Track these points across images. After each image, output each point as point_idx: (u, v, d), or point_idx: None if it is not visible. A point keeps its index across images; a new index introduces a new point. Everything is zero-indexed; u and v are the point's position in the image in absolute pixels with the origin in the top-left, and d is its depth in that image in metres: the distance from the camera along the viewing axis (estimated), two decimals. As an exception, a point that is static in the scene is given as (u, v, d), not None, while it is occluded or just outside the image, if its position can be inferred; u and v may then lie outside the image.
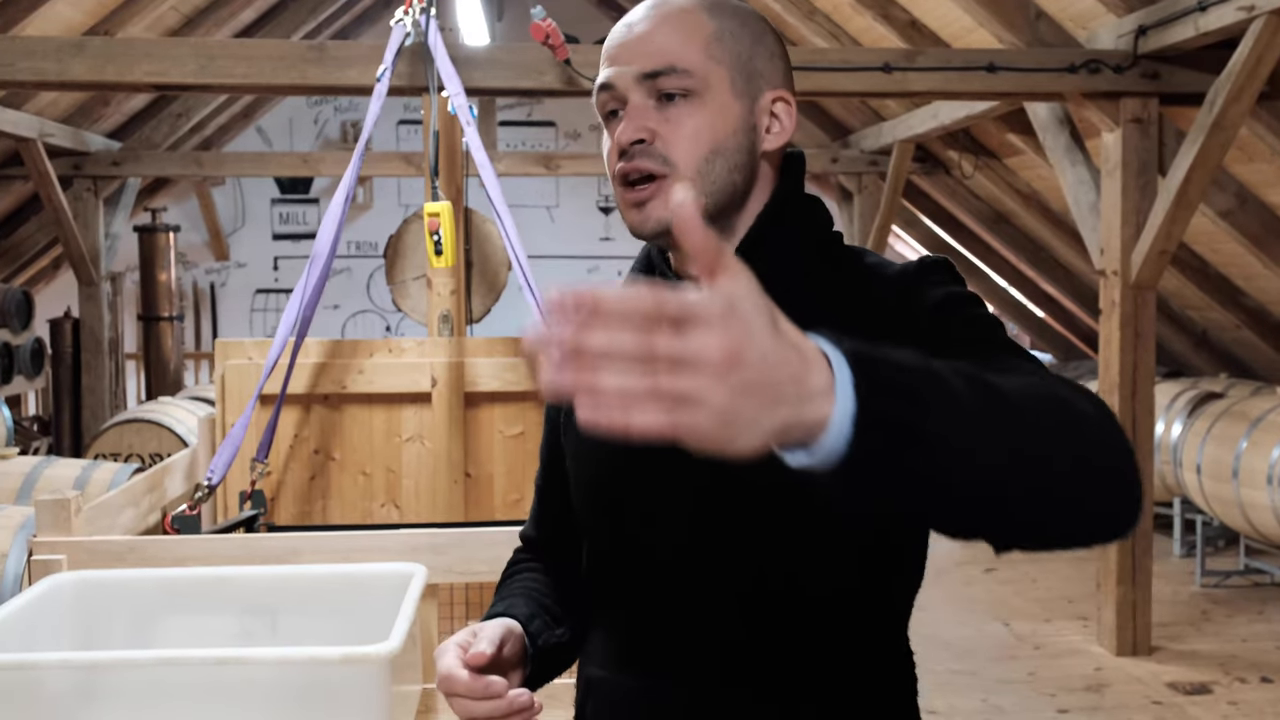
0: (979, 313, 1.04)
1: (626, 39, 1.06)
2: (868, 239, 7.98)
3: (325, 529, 3.29)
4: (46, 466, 4.70)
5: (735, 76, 1.06)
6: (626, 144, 1.05)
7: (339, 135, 10.80)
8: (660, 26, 1.05)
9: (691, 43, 1.05)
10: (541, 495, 1.27)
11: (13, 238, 8.47)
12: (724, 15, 1.07)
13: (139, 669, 1.73)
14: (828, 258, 1.12)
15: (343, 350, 3.64)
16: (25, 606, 1.98)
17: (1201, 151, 4.29)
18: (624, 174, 1.06)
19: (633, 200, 1.06)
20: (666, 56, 1.04)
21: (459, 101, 3.62)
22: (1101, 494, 0.85)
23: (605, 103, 1.08)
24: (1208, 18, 4.08)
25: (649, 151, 1.04)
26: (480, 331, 4.34)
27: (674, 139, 1.04)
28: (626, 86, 1.05)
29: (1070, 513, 0.83)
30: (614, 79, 1.06)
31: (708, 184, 1.05)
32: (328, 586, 2.17)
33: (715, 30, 1.06)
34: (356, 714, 1.73)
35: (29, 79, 4.20)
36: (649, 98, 1.05)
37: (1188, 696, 4.25)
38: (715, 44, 1.06)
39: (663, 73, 1.04)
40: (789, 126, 1.09)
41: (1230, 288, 6.43)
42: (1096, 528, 0.87)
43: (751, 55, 1.08)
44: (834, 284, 1.08)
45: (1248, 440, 5.23)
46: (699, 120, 1.04)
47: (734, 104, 1.06)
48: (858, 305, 1.05)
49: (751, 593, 1.04)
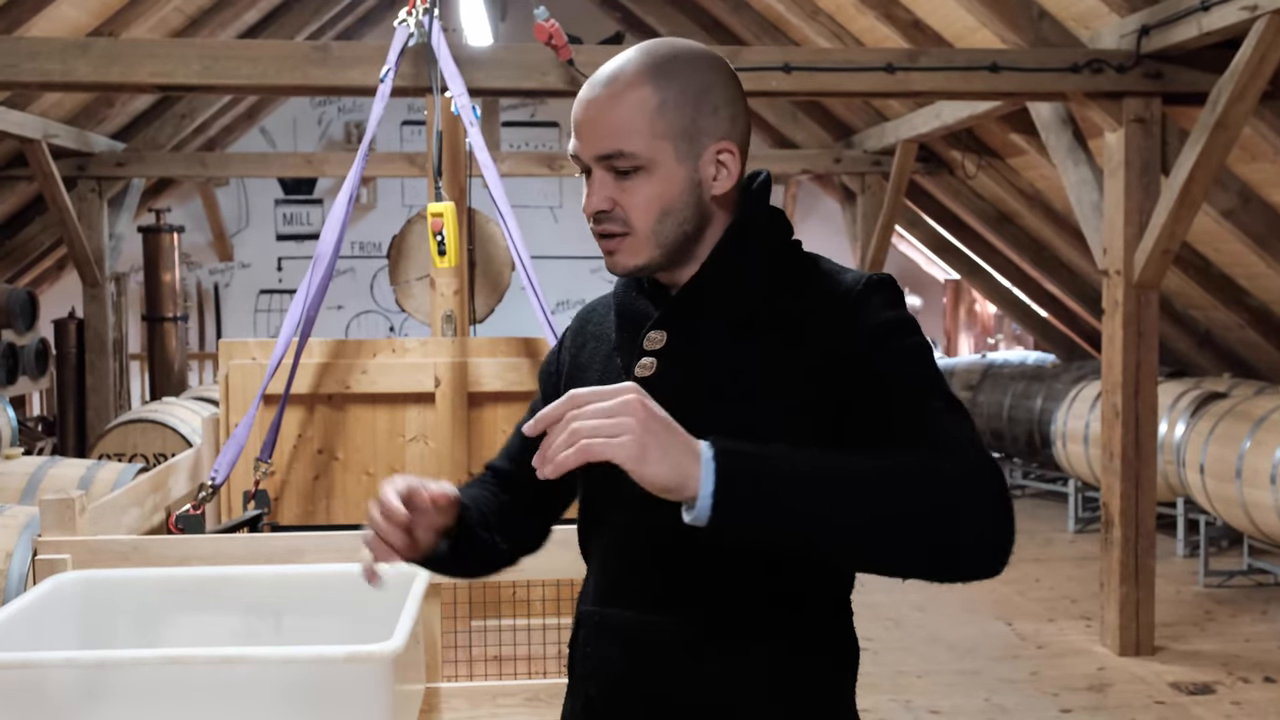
0: (909, 344, 1.20)
1: (584, 118, 1.24)
2: (871, 239, 7.97)
3: (329, 529, 3.30)
4: (51, 466, 4.71)
5: (678, 145, 1.23)
6: (592, 213, 1.25)
7: (343, 136, 10.81)
8: (611, 108, 1.22)
9: (637, 124, 1.21)
10: (521, 440, 1.43)
11: (17, 238, 8.49)
12: (669, 81, 1.22)
13: (143, 668, 1.73)
14: (783, 267, 1.28)
15: (346, 350, 3.64)
16: (30, 605, 1.99)
17: (1204, 151, 4.28)
18: (596, 233, 1.27)
19: (605, 249, 1.27)
20: (615, 141, 1.21)
21: (462, 102, 3.63)
22: (955, 537, 1.08)
23: (579, 164, 1.27)
24: (1210, 17, 4.07)
25: (612, 217, 1.24)
26: (483, 331, 4.35)
27: (630, 206, 1.23)
28: (589, 160, 1.24)
29: (928, 554, 1.08)
30: (581, 154, 1.25)
31: (660, 240, 1.25)
32: (331, 586, 2.17)
33: (659, 104, 1.22)
34: (360, 712, 1.74)
35: (33, 80, 4.21)
36: (607, 171, 1.24)
37: (1191, 697, 4.24)
38: (658, 120, 1.21)
39: (613, 156, 1.22)
40: (735, 171, 1.26)
41: (1233, 287, 6.43)
42: (958, 561, 1.10)
43: (694, 118, 1.23)
44: (788, 295, 1.25)
45: (1251, 440, 5.23)
46: (649, 190, 1.23)
47: (678, 170, 1.23)
48: (807, 314, 1.23)
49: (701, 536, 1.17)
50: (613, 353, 1.34)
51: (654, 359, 1.27)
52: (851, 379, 1.18)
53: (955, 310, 12.10)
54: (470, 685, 2.58)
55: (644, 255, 1.25)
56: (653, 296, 1.32)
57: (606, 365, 1.34)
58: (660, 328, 1.28)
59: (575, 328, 1.44)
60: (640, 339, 1.29)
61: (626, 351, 1.31)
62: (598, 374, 1.34)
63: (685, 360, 1.25)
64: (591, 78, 1.26)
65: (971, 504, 1.09)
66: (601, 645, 1.30)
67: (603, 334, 1.38)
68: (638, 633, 1.26)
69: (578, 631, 1.35)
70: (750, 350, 1.23)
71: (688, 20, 8.55)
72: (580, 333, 1.42)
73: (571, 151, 1.27)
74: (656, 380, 1.24)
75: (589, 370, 1.36)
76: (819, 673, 1.26)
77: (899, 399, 1.17)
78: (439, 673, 2.56)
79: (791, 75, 4.49)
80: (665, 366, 1.26)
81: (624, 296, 1.35)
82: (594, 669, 1.31)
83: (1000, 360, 9.46)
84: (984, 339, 12.13)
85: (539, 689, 2.53)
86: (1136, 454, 4.71)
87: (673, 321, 1.28)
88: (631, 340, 1.31)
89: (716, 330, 1.26)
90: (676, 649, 1.24)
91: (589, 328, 1.41)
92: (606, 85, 1.23)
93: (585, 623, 1.34)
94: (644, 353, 1.28)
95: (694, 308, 1.27)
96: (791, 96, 4.93)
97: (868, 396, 1.17)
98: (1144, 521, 4.72)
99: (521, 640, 2.86)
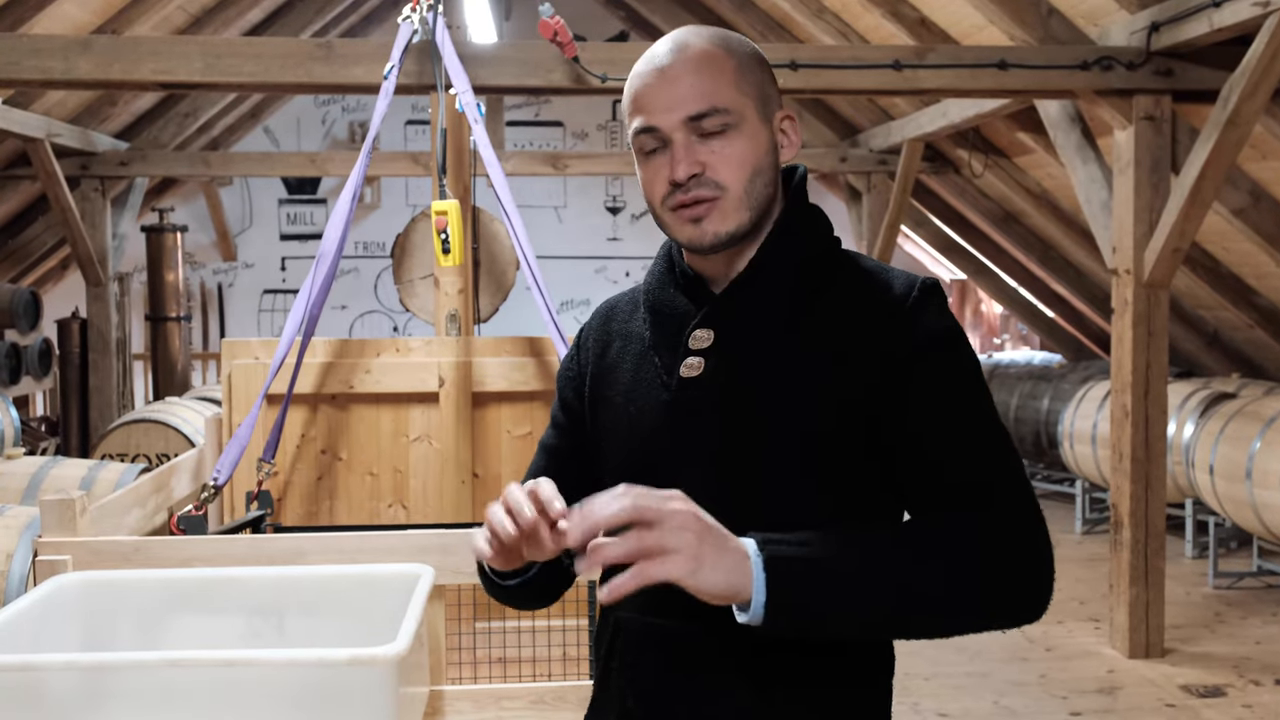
0: (962, 362, 1.19)
1: (660, 85, 1.19)
2: (876, 238, 7.94)
3: (332, 530, 3.27)
4: (53, 466, 4.69)
5: (759, 105, 1.22)
6: (684, 178, 1.18)
7: (347, 135, 10.79)
8: (692, 71, 1.19)
9: (722, 83, 1.19)
10: (546, 455, 1.40)
11: (20, 238, 8.48)
12: (737, 51, 1.22)
13: (145, 670, 1.71)
14: (828, 265, 1.25)
15: (349, 350, 3.62)
16: (30, 607, 1.97)
17: (1215, 149, 4.25)
18: (680, 204, 1.20)
19: (689, 216, 1.20)
20: (707, 99, 1.18)
21: (466, 99, 3.60)
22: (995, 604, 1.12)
23: (646, 143, 1.21)
24: (1222, 13, 4.04)
25: (702, 181, 1.19)
26: (488, 331, 4.32)
27: (722, 167, 1.19)
28: (671, 129, 1.19)
29: (970, 621, 1.13)
30: (659, 124, 1.19)
31: (752, 200, 1.21)
32: (335, 587, 2.15)
33: (736, 66, 1.21)
34: (364, 715, 1.71)
35: (35, 78, 4.19)
36: (691, 135, 1.19)
37: (1201, 699, 4.21)
38: (740, 79, 1.20)
39: (706, 114, 1.18)
40: (796, 141, 1.26)
41: (1243, 287, 6.39)
42: (998, 622, 1.14)
43: (762, 82, 1.23)
44: (832, 290, 1.23)
45: (1261, 441, 5.19)
46: (740, 148, 1.19)
47: (762, 129, 1.22)
48: (851, 312, 1.21)
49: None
50: (647, 352, 1.28)
51: (701, 358, 1.22)
52: (904, 387, 1.17)
53: (961, 310, 12.08)
54: (475, 688, 2.55)
55: (735, 219, 1.20)
56: (689, 292, 1.27)
57: (640, 365, 1.28)
58: (707, 325, 1.23)
59: (596, 325, 1.38)
60: (684, 337, 1.24)
61: (666, 350, 1.25)
62: (630, 374, 1.28)
63: (735, 360, 1.21)
64: (649, 54, 1.22)
65: (1014, 565, 1.13)
66: (644, 655, 1.25)
67: (631, 332, 1.31)
68: (683, 644, 1.22)
69: (615, 640, 1.29)
70: (802, 351, 1.19)
71: (693, 18, 8.53)
72: (604, 331, 1.36)
73: (642, 126, 1.20)
74: (705, 381, 1.21)
75: (619, 370, 1.30)
76: (861, 686, 1.23)
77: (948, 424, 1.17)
78: (443, 675, 2.53)
79: (798, 72, 4.46)
80: (714, 366, 1.21)
81: (658, 292, 1.30)
82: (634, 679, 1.26)
83: (1007, 360, 9.44)
84: (990, 339, 12.11)
85: (544, 691, 2.50)
86: (1146, 454, 4.67)
87: (721, 319, 1.23)
88: (672, 338, 1.25)
89: (767, 329, 1.21)
90: (721, 660, 1.20)
91: (613, 325, 1.35)
92: (677, 53, 1.21)
93: (625, 631, 1.28)
94: (690, 352, 1.23)
95: (744, 304, 1.22)
96: (798, 94, 4.89)
97: (917, 410, 1.17)
98: (1154, 523, 4.68)
99: (527, 642, 2.83)
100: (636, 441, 1.26)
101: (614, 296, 1.40)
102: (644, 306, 1.31)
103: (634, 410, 1.26)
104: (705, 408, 1.21)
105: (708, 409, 1.21)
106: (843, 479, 1.18)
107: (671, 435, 1.23)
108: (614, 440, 1.29)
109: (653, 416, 1.24)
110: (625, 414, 1.27)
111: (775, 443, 1.17)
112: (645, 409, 1.25)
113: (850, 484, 1.18)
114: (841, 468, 1.18)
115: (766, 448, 1.17)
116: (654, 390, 1.25)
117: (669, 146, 1.19)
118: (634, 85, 1.22)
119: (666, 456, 1.22)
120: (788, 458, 1.17)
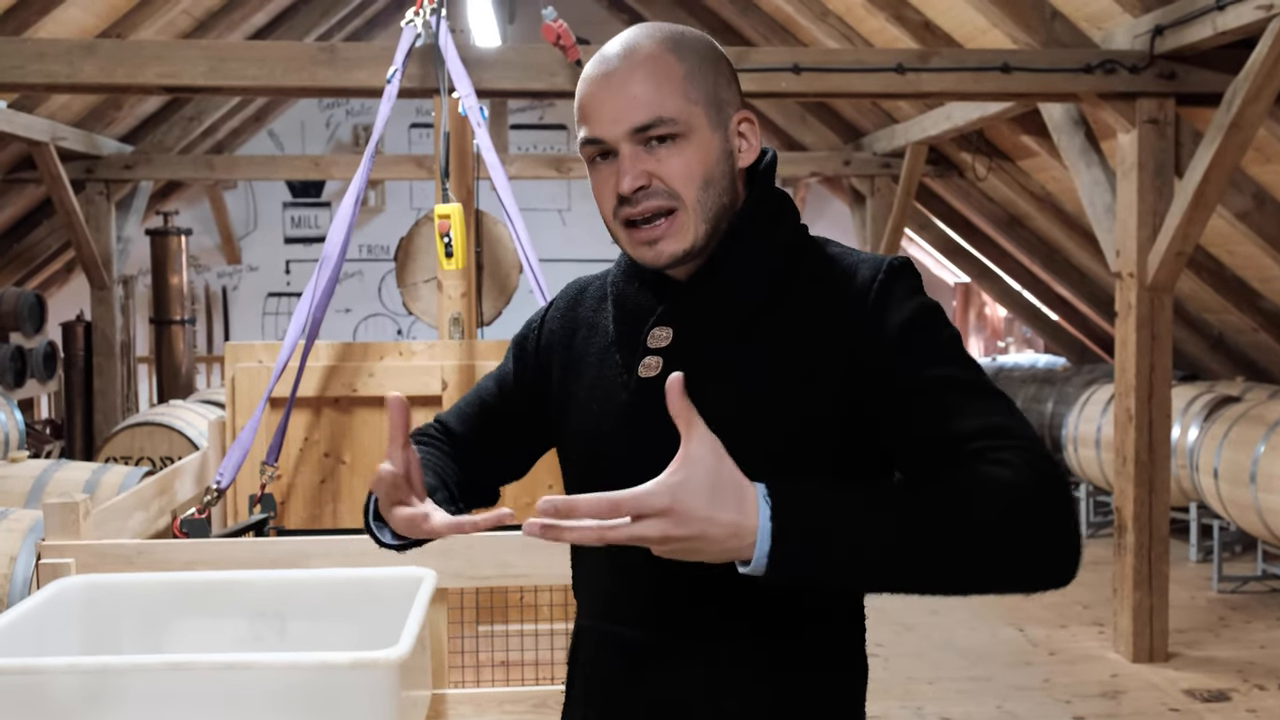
0: (941, 338, 1.14)
1: (605, 93, 1.14)
2: (880, 242, 7.94)
3: (335, 533, 3.27)
4: (57, 469, 4.69)
5: (710, 111, 1.16)
6: (630, 191, 1.14)
7: (350, 139, 10.80)
8: (637, 78, 1.14)
9: (668, 90, 1.13)
10: (480, 409, 1.36)
11: (25, 241, 8.50)
12: (688, 53, 1.16)
13: (148, 674, 1.71)
14: (792, 256, 1.21)
15: (353, 353, 3.62)
16: (33, 610, 1.97)
17: (1219, 152, 4.24)
18: (630, 218, 1.16)
19: (644, 239, 1.16)
20: (651, 109, 1.13)
21: (470, 103, 3.60)
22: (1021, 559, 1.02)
23: (593, 153, 1.17)
24: (1225, 17, 4.04)
25: (652, 192, 1.14)
26: (491, 334, 4.32)
27: (671, 176, 1.14)
28: (617, 140, 1.14)
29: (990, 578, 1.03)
30: (604, 135, 1.15)
31: (706, 211, 1.15)
32: (337, 591, 2.15)
33: (685, 71, 1.15)
34: (366, 719, 1.71)
35: (39, 81, 4.20)
36: (638, 145, 1.14)
37: (1205, 704, 4.20)
38: (688, 85, 1.15)
39: (651, 125, 1.13)
40: (755, 143, 1.20)
41: (1247, 290, 6.38)
42: (1024, 582, 1.04)
43: (715, 86, 1.17)
44: (802, 286, 1.18)
45: (1265, 444, 5.18)
46: (688, 157, 1.14)
47: (713, 138, 1.16)
48: (825, 307, 1.16)
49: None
50: (610, 347, 1.24)
51: (659, 358, 1.18)
52: (885, 378, 1.11)
53: (965, 313, 12.06)
54: (477, 691, 2.55)
55: (690, 235, 1.15)
56: (654, 286, 1.22)
57: (603, 361, 1.24)
58: (665, 323, 1.19)
59: (564, 306, 1.33)
60: (644, 335, 1.20)
61: (627, 348, 1.22)
62: (594, 370, 1.25)
63: (693, 360, 1.15)
64: (596, 58, 1.17)
65: (1042, 508, 1.02)
66: (603, 664, 1.24)
67: (598, 323, 1.27)
68: (644, 652, 1.20)
69: (578, 647, 1.29)
70: (765, 348, 1.15)
71: (696, 22, 8.53)
72: (570, 315, 1.31)
73: (587, 137, 1.17)
74: (662, 382, 1.14)
75: (584, 364, 1.26)
76: (831, 689, 1.21)
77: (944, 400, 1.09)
78: (445, 678, 2.53)
79: (801, 76, 4.46)
80: (671, 367, 1.16)
81: (623, 285, 1.25)
82: (595, 689, 1.25)
83: (1011, 364, 9.43)
84: (994, 342, 12.09)
85: (546, 695, 2.50)
86: (1150, 458, 4.66)
87: (679, 317, 1.19)
88: (633, 335, 1.22)
89: (727, 326, 1.17)
90: (684, 668, 1.18)
91: (580, 311, 1.31)
92: (624, 59, 1.16)
93: (585, 639, 1.27)
94: (648, 350, 1.19)
95: (702, 300, 1.18)
96: (801, 98, 4.91)
97: (908, 398, 1.10)
98: (1158, 526, 4.67)
99: (529, 646, 2.83)
100: (596, 444, 1.23)
101: (585, 277, 1.35)
102: (610, 298, 1.27)
103: (596, 409, 1.24)
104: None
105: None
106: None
107: (629, 440, 1.19)
108: (577, 439, 1.27)
109: (612, 419, 1.21)
110: (589, 412, 1.24)
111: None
112: (606, 410, 1.22)
113: None
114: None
115: None
116: (614, 390, 1.22)
117: (616, 156, 1.15)
118: (581, 90, 1.18)
119: (623, 463, 1.13)
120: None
